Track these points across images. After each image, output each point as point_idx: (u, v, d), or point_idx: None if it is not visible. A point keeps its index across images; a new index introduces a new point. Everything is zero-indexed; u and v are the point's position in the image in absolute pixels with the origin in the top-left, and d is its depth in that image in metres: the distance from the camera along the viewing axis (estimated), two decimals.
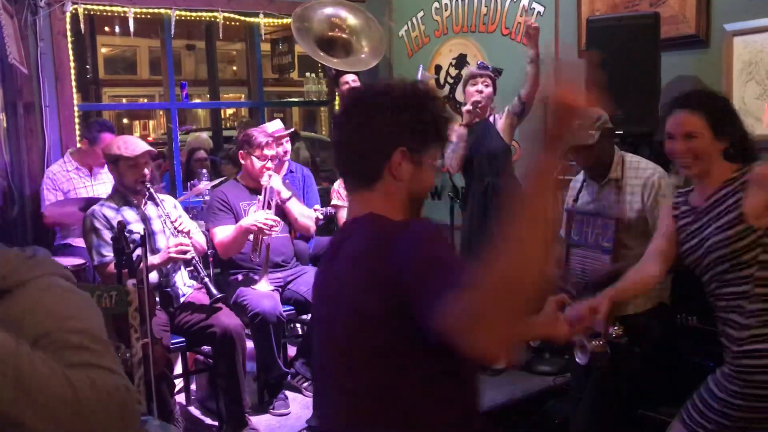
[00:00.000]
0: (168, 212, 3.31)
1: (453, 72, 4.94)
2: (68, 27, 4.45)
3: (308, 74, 6.44)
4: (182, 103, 5.68)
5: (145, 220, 3.27)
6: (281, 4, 5.11)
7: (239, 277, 3.67)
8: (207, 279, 3.26)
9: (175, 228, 3.27)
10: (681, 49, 3.53)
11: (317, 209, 3.94)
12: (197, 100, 9.71)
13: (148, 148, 3.25)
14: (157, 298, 3.21)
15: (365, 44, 4.80)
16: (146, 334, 2.61)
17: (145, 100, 11.92)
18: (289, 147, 4.14)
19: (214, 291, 3.23)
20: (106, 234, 3.10)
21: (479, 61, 4.09)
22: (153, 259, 3.11)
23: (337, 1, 4.83)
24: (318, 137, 7.35)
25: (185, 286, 3.40)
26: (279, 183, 3.76)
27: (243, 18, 5.08)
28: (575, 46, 4.08)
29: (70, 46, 4.46)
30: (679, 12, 3.56)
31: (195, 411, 3.66)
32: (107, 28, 9.42)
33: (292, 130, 4.06)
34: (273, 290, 3.59)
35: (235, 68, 14.16)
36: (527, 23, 3.67)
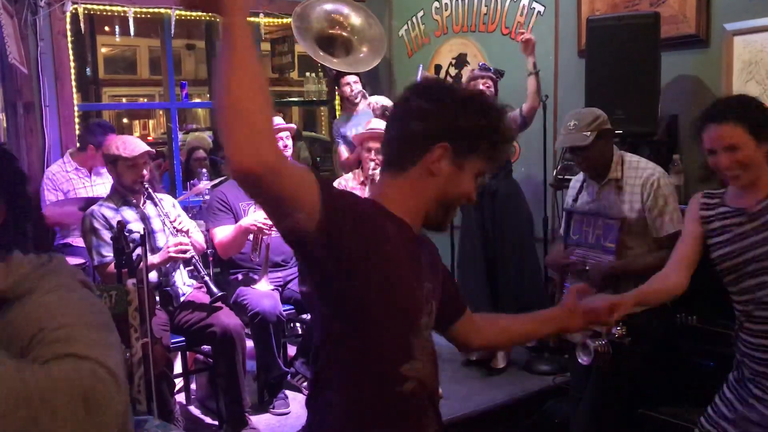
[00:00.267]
0: (167, 212, 3.32)
1: (453, 71, 4.95)
2: (68, 27, 4.45)
3: (308, 74, 6.42)
4: (182, 103, 5.69)
5: (144, 219, 3.27)
6: (281, 3, 5.12)
7: (239, 276, 3.68)
8: (207, 278, 3.26)
9: (174, 227, 3.27)
10: (681, 48, 3.53)
11: None
12: (197, 100, 9.69)
13: (146, 148, 3.25)
14: (157, 298, 3.21)
15: (365, 43, 4.78)
16: (146, 334, 2.61)
17: (145, 100, 11.87)
18: (290, 143, 3.96)
19: (215, 289, 3.23)
20: (106, 234, 3.10)
21: (481, 63, 4.09)
22: (153, 259, 3.11)
23: None
24: (318, 137, 7.33)
25: (185, 285, 3.40)
26: None
27: None
28: (575, 46, 4.09)
29: (70, 45, 4.46)
30: (679, 12, 3.56)
31: (195, 410, 3.65)
32: (107, 28, 9.37)
33: (293, 125, 4.02)
34: (273, 290, 3.59)
35: None
36: (522, 36, 3.74)
